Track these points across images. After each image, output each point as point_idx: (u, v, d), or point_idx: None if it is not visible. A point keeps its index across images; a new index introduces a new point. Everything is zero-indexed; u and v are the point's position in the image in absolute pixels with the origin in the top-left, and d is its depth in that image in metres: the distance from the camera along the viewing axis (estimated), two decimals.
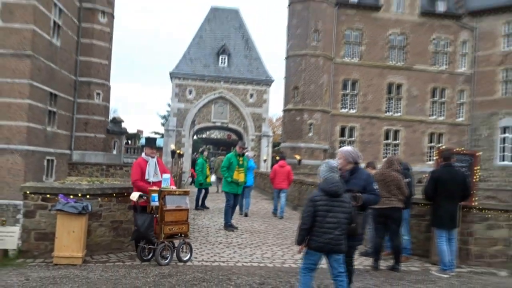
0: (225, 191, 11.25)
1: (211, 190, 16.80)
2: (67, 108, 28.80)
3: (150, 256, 7.01)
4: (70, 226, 6.65)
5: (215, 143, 50.76)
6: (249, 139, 33.61)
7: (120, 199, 7.77)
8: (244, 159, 11.47)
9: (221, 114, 33.90)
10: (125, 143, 40.42)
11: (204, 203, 15.08)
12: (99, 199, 7.51)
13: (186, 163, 33.23)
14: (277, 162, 14.80)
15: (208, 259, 7.60)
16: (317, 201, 4.77)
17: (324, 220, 4.71)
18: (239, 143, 11.96)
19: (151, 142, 7.70)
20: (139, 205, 6.97)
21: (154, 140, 8.00)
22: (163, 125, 47.94)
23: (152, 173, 7.31)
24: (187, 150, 33.54)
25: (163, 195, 6.90)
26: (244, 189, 12.43)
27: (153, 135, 55.82)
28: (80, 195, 7.21)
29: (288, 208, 15.55)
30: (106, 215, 7.61)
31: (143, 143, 9.52)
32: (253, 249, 8.68)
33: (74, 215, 6.64)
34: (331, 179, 4.88)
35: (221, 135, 47.18)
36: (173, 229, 7.01)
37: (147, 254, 7.02)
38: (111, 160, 32.52)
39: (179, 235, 7.18)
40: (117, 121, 37.04)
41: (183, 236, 7.23)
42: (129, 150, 42.25)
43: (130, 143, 47.66)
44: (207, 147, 44.30)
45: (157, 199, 6.82)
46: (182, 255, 7.17)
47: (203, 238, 9.53)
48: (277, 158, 14.67)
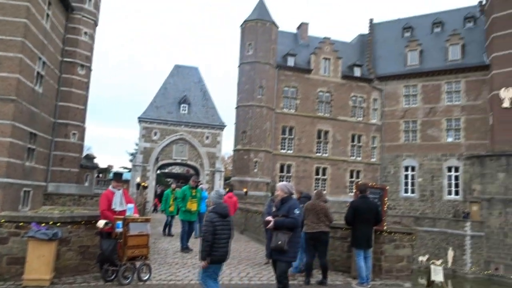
0: (180, 219, 10.91)
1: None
2: (45, 146, 27.28)
3: (113, 277, 6.57)
4: (40, 251, 6.15)
5: (175, 177, 49.61)
6: (205, 173, 33.13)
7: (88, 226, 7.28)
8: (197, 191, 11.25)
9: (181, 152, 33.33)
10: (96, 176, 38.68)
11: (170, 231, 13.92)
12: (69, 226, 7.01)
13: (150, 194, 32.10)
14: (226, 193, 14.69)
15: (165, 278, 7.23)
16: (215, 222, 4.98)
17: (221, 236, 4.98)
18: (193, 177, 11.85)
19: (117, 177, 7.39)
20: (104, 232, 6.59)
21: (120, 174, 7.73)
22: (131, 161, 46.39)
23: (118, 203, 6.97)
24: (151, 183, 32.47)
25: (127, 222, 6.58)
26: (199, 216, 12.12)
27: (122, 169, 53.75)
28: (51, 223, 6.72)
29: (236, 232, 15.20)
30: (74, 240, 7.10)
31: (112, 177, 9.13)
32: None
33: (44, 241, 6.16)
34: (221, 204, 5.20)
35: (181, 170, 46.28)
36: (135, 252, 6.65)
37: (110, 275, 6.58)
38: (83, 191, 30.84)
39: (140, 257, 6.82)
40: (90, 157, 35.55)
41: (143, 258, 6.87)
42: (100, 182, 40.39)
43: (101, 176, 45.64)
44: (175, 181, 43.15)
45: (121, 226, 6.49)
46: (142, 275, 6.79)
47: (161, 259, 9.09)
48: (226, 190, 14.73)
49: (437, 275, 9.93)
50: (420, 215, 33.91)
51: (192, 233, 11.40)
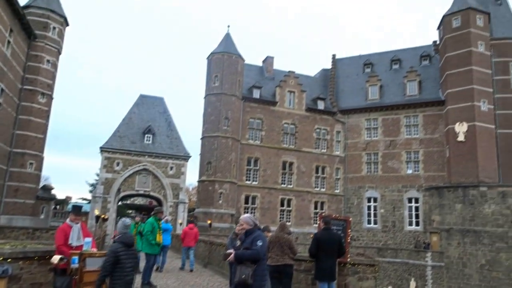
0: (145, 252, 10.55)
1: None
2: None
3: None
4: None
5: (137, 208, 48.14)
6: (168, 205, 32.38)
7: (41, 262, 6.91)
8: (161, 223, 11.04)
9: (144, 183, 32.54)
10: (53, 208, 36.89)
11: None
12: (21, 262, 6.61)
13: (110, 226, 30.87)
14: (187, 224, 14.92)
15: None
16: (119, 252, 5.01)
17: (125, 265, 4.97)
18: (159, 209, 11.69)
19: (76, 210, 7.09)
20: (59, 268, 6.25)
21: (79, 208, 7.42)
22: (91, 192, 44.69)
23: (75, 237, 6.66)
24: (111, 215, 31.29)
25: (83, 257, 6.28)
26: (162, 248, 11.89)
27: (81, 201, 51.65)
28: (1, 258, 6.31)
29: (199, 266, 14.91)
30: (26, 277, 6.69)
31: (71, 209, 8.78)
32: None
33: None
34: (127, 234, 5.26)
35: (144, 201, 45.00)
36: None
37: None
38: (38, 224, 29.18)
39: None
40: (47, 188, 33.92)
41: None
42: (57, 215, 38.61)
43: (58, 208, 43.63)
44: (138, 213, 41.82)
45: (77, 261, 6.18)
46: None
47: None
48: (191, 220, 14.85)
49: None
50: (383, 246, 34.42)
51: (154, 266, 11.01)
